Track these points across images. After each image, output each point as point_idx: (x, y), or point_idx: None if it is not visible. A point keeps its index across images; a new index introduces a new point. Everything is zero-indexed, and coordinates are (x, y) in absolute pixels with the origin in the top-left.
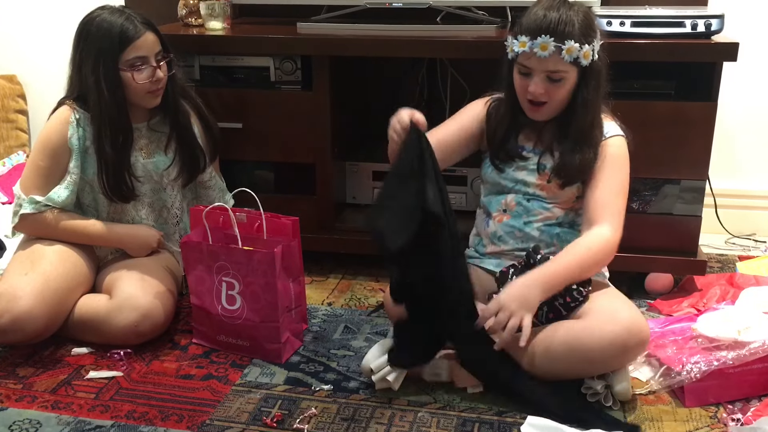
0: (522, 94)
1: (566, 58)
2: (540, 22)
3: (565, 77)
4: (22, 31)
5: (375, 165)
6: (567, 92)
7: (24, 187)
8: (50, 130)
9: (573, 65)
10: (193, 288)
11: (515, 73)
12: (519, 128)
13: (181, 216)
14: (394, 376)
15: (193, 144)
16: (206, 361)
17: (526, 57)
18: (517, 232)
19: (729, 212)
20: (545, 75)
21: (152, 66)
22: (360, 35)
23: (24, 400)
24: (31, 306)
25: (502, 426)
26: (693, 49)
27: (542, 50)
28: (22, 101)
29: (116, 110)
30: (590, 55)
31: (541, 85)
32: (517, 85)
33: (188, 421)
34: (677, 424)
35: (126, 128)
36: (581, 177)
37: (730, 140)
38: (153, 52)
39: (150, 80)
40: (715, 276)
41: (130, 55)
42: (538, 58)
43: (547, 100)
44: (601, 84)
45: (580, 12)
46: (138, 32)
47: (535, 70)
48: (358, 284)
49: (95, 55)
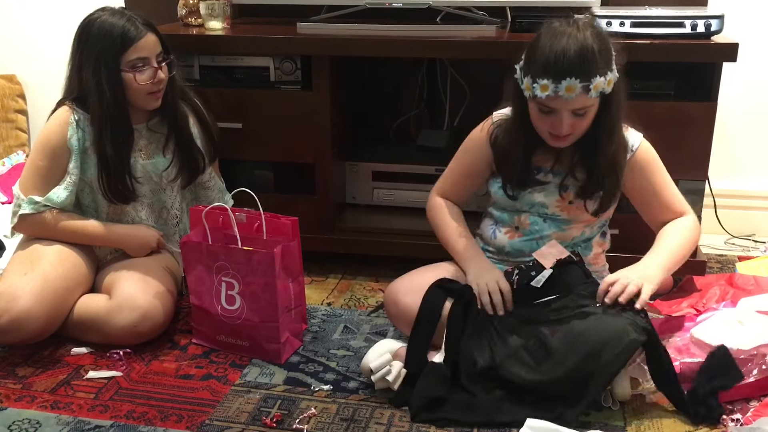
0: (542, 128)
1: (593, 95)
2: (561, 63)
3: (590, 108)
4: (21, 31)
5: (375, 165)
6: (591, 119)
7: (23, 188)
8: (50, 130)
9: (598, 96)
10: (193, 288)
11: (533, 108)
12: (533, 150)
13: (180, 217)
14: (393, 377)
15: (192, 145)
16: (206, 361)
17: (549, 99)
18: (527, 251)
19: (728, 213)
20: (570, 112)
21: (153, 67)
22: (360, 35)
23: (23, 400)
24: (31, 306)
25: (501, 426)
26: (693, 49)
27: (569, 93)
28: (21, 101)
29: (117, 111)
30: (613, 81)
31: (566, 123)
32: (537, 120)
33: (188, 421)
34: (677, 424)
35: (127, 129)
36: (610, 201)
37: (729, 141)
38: (154, 53)
39: (152, 81)
40: (715, 276)
41: (131, 56)
42: (564, 100)
43: (571, 133)
44: (622, 99)
45: (594, 35)
46: (139, 33)
47: (560, 110)
48: (358, 284)
49: (96, 56)
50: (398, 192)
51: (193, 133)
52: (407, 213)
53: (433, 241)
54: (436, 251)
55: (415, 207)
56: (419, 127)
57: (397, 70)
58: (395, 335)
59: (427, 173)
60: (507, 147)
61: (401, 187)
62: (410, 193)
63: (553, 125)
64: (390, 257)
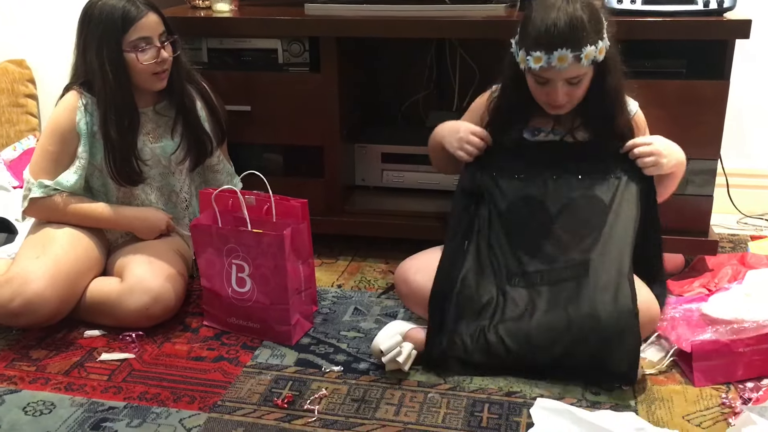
0: (540, 98)
1: (585, 63)
2: (552, 35)
3: (584, 77)
4: (30, 16)
5: (384, 147)
6: (586, 87)
7: (33, 172)
8: (58, 115)
9: (590, 65)
10: (203, 271)
11: (530, 79)
12: (529, 115)
13: (189, 200)
14: (403, 358)
15: (199, 128)
16: (217, 343)
17: (543, 70)
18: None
19: (741, 192)
20: (564, 81)
21: (156, 46)
22: (368, 16)
23: (38, 382)
24: (43, 289)
25: (511, 407)
26: (705, 26)
27: (561, 63)
28: (31, 86)
29: (121, 93)
30: (604, 49)
31: (561, 92)
32: (534, 90)
33: (200, 402)
34: (688, 404)
35: (131, 111)
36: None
37: (742, 119)
38: (156, 32)
39: (155, 61)
40: (727, 256)
41: (133, 36)
42: (557, 70)
43: (569, 100)
44: (618, 66)
45: (583, 6)
46: (140, 13)
47: (554, 80)
48: (368, 266)
49: (98, 38)
50: (408, 174)
51: (200, 116)
52: (417, 195)
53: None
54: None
55: (425, 189)
56: (428, 109)
57: (406, 51)
58: (405, 317)
59: None
60: (500, 112)
61: (411, 169)
62: (420, 175)
63: (549, 95)
64: (400, 239)
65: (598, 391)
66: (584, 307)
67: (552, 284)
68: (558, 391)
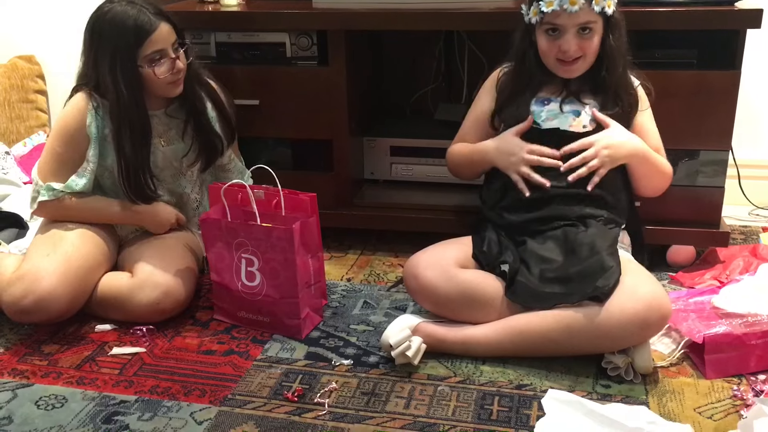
0: (551, 55)
1: (596, 9)
2: None
3: (594, 28)
4: (39, 11)
5: (392, 140)
6: (598, 44)
7: (41, 174)
8: (68, 117)
9: (600, 15)
10: (213, 265)
11: (540, 36)
12: (535, 89)
13: (200, 200)
14: (413, 352)
15: (210, 129)
16: (227, 337)
17: (555, 15)
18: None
19: (753, 183)
20: (576, 30)
21: (171, 58)
22: (376, 9)
23: (50, 376)
24: (54, 286)
25: (522, 399)
26: (716, 16)
27: (572, 5)
28: (41, 81)
29: (136, 110)
30: (612, 3)
31: (573, 41)
32: (545, 47)
33: (210, 396)
34: (699, 396)
35: (145, 126)
36: (624, 124)
37: (754, 110)
38: (169, 43)
39: (171, 72)
40: (738, 248)
41: (147, 51)
42: (569, 14)
43: (581, 54)
44: (623, 33)
45: None
46: (153, 25)
47: (565, 26)
48: (377, 260)
49: (111, 53)
50: (416, 167)
51: (211, 116)
52: (426, 188)
53: (453, 216)
54: (456, 226)
55: (434, 182)
56: (437, 101)
57: (414, 44)
58: (415, 310)
59: (446, 147)
60: (508, 86)
61: (420, 162)
62: (429, 168)
63: (560, 48)
64: (409, 233)
65: (609, 384)
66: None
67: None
68: (569, 383)
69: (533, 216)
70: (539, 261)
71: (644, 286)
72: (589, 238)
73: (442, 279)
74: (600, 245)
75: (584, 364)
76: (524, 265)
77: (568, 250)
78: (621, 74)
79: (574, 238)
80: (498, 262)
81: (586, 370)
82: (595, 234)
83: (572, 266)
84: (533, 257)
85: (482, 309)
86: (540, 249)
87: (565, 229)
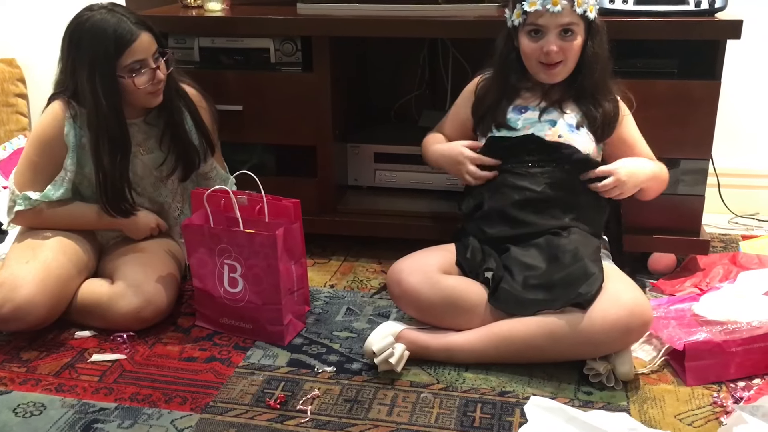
0: (534, 57)
1: (578, 10)
2: None
3: (576, 31)
4: (21, 15)
5: (376, 147)
6: (579, 48)
7: (18, 183)
8: (45, 125)
9: (582, 19)
10: (196, 271)
11: (523, 38)
12: (513, 96)
13: (182, 208)
14: (396, 359)
15: (187, 141)
16: (209, 344)
17: (537, 15)
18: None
19: (732, 192)
20: (558, 31)
21: (151, 68)
22: (360, 15)
23: (28, 383)
24: (33, 294)
25: (504, 406)
26: (696, 26)
27: (554, 5)
28: (21, 85)
29: (116, 121)
30: (594, 9)
31: (556, 42)
32: (528, 49)
33: (192, 403)
34: (680, 403)
35: (124, 138)
36: (608, 130)
37: (733, 119)
38: (150, 52)
39: (151, 82)
40: (718, 255)
41: (127, 60)
42: (551, 14)
43: (562, 58)
44: (605, 41)
45: None
46: (133, 35)
47: (548, 27)
48: (360, 266)
49: (90, 62)
50: (400, 173)
51: (189, 127)
52: (409, 194)
53: (436, 223)
54: (439, 233)
55: (418, 188)
56: (421, 108)
57: (398, 51)
58: (398, 317)
59: None
60: (487, 92)
61: (403, 169)
62: (412, 175)
63: (543, 49)
64: (392, 239)
65: (590, 391)
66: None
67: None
68: (551, 390)
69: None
70: (522, 268)
71: (627, 292)
72: (572, 245)
73: (425, 285)
74: (583, 252)
75: (566, 371)
76: (507, 272)
77: (551, 257)
78: (599, 78)
79: (557, 245)
80: (481, 270)
81: (569, 377)
82: (578, 241)
83: (555, 273)
84: (516, 264)
85: (465, 315)
86: (523, 256)
87: (548, 236)
